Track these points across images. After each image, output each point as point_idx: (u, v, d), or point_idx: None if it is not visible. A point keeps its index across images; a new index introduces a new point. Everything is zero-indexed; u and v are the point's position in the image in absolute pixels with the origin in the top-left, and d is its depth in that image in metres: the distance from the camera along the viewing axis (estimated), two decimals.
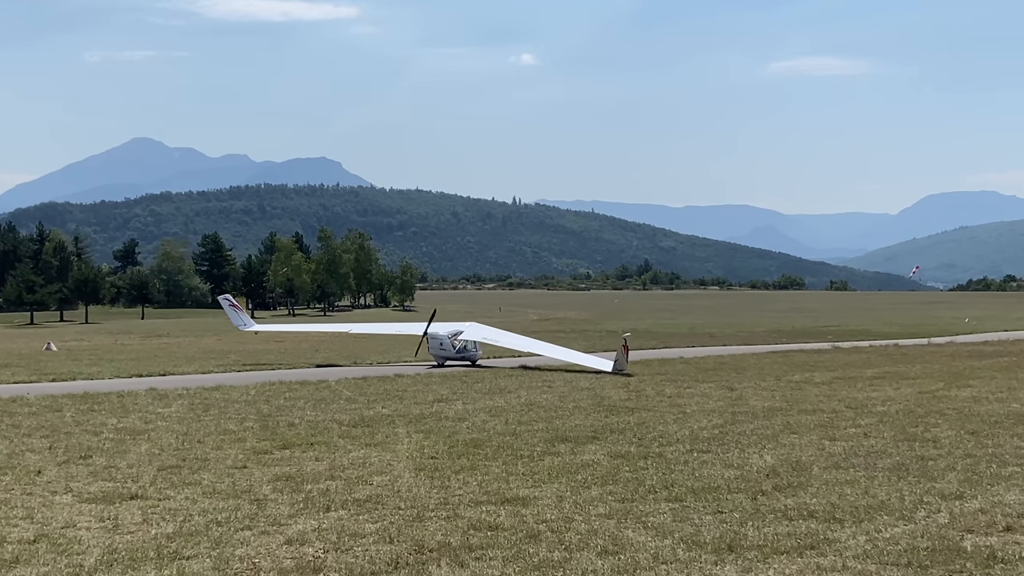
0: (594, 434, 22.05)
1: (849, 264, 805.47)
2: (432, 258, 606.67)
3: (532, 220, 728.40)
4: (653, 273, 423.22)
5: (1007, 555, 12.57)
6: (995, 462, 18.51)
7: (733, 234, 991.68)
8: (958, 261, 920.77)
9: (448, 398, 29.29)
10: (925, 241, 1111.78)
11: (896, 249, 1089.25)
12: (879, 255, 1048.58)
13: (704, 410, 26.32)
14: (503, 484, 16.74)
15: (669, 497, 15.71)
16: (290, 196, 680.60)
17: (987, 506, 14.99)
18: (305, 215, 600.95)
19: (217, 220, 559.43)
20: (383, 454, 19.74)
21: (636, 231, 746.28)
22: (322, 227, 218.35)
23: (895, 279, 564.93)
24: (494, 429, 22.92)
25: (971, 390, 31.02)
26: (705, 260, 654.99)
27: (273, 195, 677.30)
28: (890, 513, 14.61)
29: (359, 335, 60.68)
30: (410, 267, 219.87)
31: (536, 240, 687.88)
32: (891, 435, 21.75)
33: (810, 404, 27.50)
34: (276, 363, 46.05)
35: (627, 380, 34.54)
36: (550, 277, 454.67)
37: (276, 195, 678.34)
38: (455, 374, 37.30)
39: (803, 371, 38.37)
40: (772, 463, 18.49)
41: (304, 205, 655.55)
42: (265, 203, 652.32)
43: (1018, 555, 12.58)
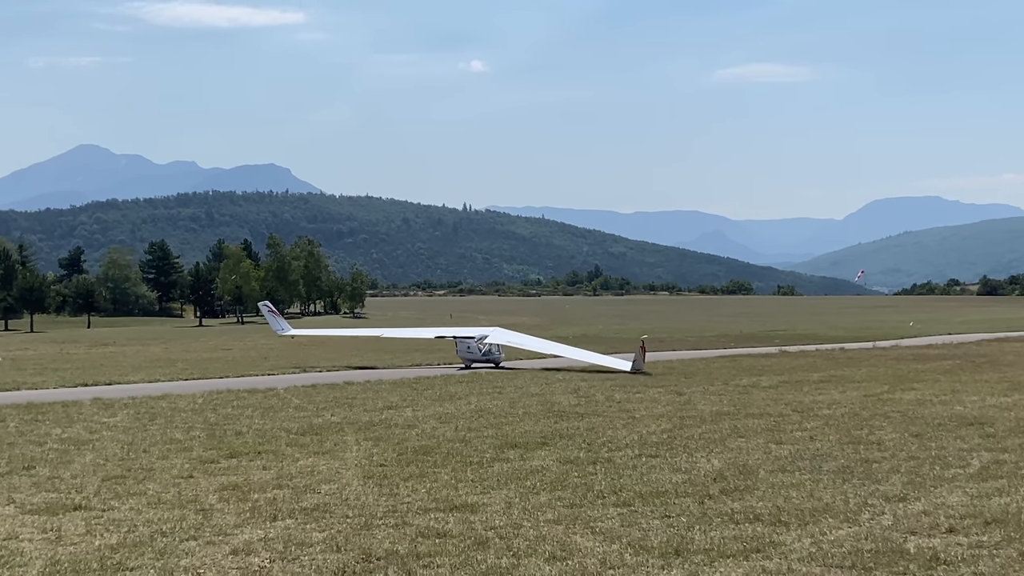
0: (544, 440, 22.08)
1: (796, 269, 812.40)
2: (383, 265, 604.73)
3: (483, 226, 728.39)
4: (603, 279, 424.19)
5: (950, 556, 12.74)
6: (938, 464, 18.75)
7: (682, 240, 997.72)
8: (903, 266, 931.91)
9: (398, 405, 29.21)
10: (870, 246, 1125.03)
11: (842, 254, 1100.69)
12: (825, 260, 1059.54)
13: (653, 415, 26.44)
14: (452, 491, 16.71)
15: (617, 502, 15.77)
16: (239, 203, 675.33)
17: (930, 508, 15.18)
18: (254, 222, 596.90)
19: (164, 227, 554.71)
20: (331, 462, 19.65)
21: (586, 237, 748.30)
22: (271, 234, 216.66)
23: (841, 284, 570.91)
24: (444, 436, 22.88)
25: (915, 393, 31.39)
26: (655, 266, 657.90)
27: (221, 202, 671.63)
28: (835, 516, 14.76)
29: (388, 338, 62.01)
30: (360, 274, 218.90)
31: (487, 246, 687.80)
32: (836, 438, 21.97)
33: (757, 408, 27.72)
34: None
35: (577, 386, 34.61)
36: (501, 283, 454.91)
37: (224, 202, 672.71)
38: (406, 381, 37.21)
39: (751, 375, 38.66)
40: (719, 467, 18.61)
41: (253, 212, 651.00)
42: (213, 210, 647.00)
43: (960, 556, 12.75)
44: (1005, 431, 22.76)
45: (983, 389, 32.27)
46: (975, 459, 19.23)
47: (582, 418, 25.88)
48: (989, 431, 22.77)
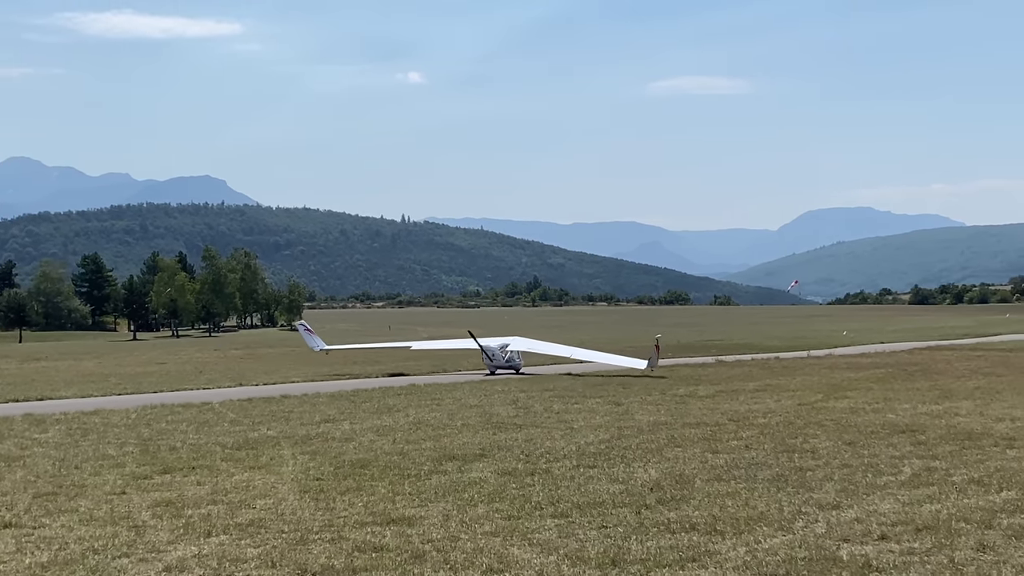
0: (482, 451, 22.05)
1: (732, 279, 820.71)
2: (320, 277, 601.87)
3: (421, 238, 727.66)
4: (542, 290, 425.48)
5: (882, 563, 12.92)
6: (871, 472, 19.00)
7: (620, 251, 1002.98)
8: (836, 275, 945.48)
9: (335, 418, 29.01)
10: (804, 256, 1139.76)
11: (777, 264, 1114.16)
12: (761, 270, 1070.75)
13: (591, 425, 26.51)
14: (389, 504, 16.64)
15: (555, 513, 15.79)
16: (173, 215, 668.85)
17: (863, 515, 15.37)
18: (189, 234, 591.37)
19: (98, 240, 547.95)
20: (267, 477, 19.47)
21: (525, 248, 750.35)
22: (207, 246, 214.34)
23: (776, 293, 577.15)
24: (381, 449, 22.77)
25: (848, 401, 31.78)
26: (593, 276, 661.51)
27: (156, 214, 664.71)
28: (769, 524, 14.90)
29: (420, 350, 62.87)
30: (297, 286, 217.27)
31: (425, 258, 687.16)
32: (771, 447, 22.18)
33: (694, 417, 27.91)
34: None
35: (516, 397, 34.61)
36: (440, 295, 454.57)
37: (159, 214, 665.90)
38: (344, 394, 36.99)
39: (688, 385, 38.91)
40: (656, 477, 18.71)
41: (188, 224, 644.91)
42: (148, 222, 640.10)
43: (892, 563, 12.94)
44: (936, 438, 23.11)
45: (915, 397, 32.74)
46: (907, 466, 19.51)
47: (520, 429, 25.88)
48: (920, 439, 23.11)
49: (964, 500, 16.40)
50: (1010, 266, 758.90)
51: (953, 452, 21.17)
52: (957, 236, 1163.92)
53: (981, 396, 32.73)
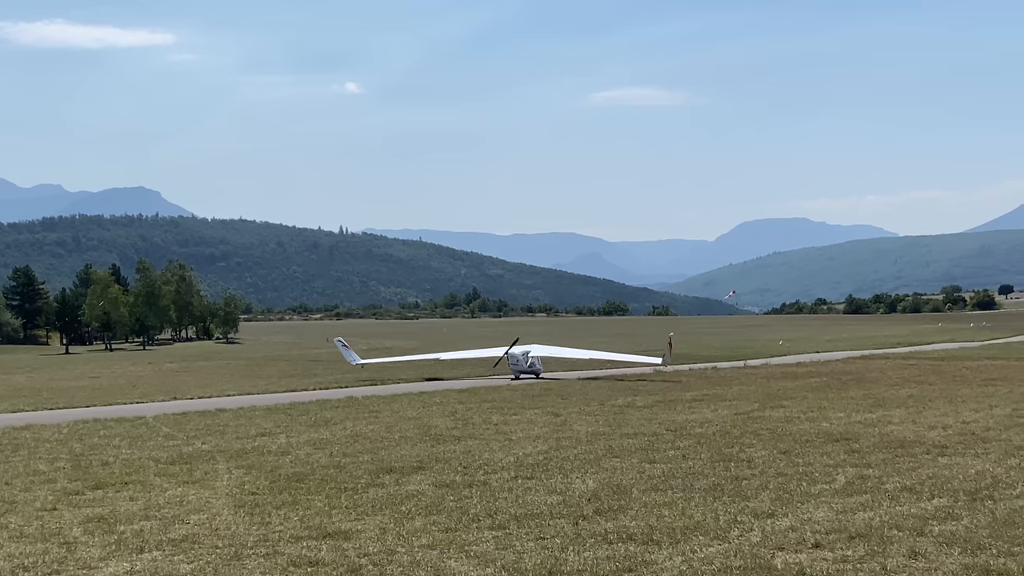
0: (420, 464, 21.98)
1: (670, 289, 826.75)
2: (257, 289, 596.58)
3: (359, 249, 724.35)
4: (481, 301, 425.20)
5: (816, 571, 13.05)
6: (805, 480, 19.19)
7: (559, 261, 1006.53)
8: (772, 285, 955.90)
9: (271, 432, 28.78)
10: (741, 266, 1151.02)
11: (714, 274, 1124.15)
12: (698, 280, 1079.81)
13: (529, 436, 26.54)
14: (325, 518, 16.52)
15: (493, 525, 15.77)
16: (107, 227, 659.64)
17: (797, 524, 15.52)
18: (123, 246, 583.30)
19: (29, 253, 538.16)
20: (201, 491, 19.27)
21: (464, 259, 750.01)
22: (141, 258, 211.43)
23: (714, 303, 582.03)
24: (318, 462, 22.62)
25: (784, 410, 32.09)
26: (532, 287, 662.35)
27: (88, 226, 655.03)
28: (705, 533, 14.99)
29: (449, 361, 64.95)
30: (234, 298, 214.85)
31: (364, 269, 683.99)
32: (708, 456, 22.33)
33: (632, 428, 28.04)
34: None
35: (454, 409, 34.54)
36: (378, 306, 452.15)
37: (92, 226, 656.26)
38: (280, 407, 36.71)
39: (626, 395, 39.09)
40: (594, 487, 18.76)
41: (122, 236, 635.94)
42: (80, 234, 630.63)
43: (826, 571, 13.07)
44: (869, 447, 23.40)
45: (849, 406, 33.14)
46: (840, 475, 19.73)
47: (459, 441, 25.85)
48: (854, 447, 23.39)
49: (897, 508, 16.61)
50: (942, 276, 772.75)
51: (886, 460, 21.44)
52: (890, 246, 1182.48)
53: (914, 404, 33.20)
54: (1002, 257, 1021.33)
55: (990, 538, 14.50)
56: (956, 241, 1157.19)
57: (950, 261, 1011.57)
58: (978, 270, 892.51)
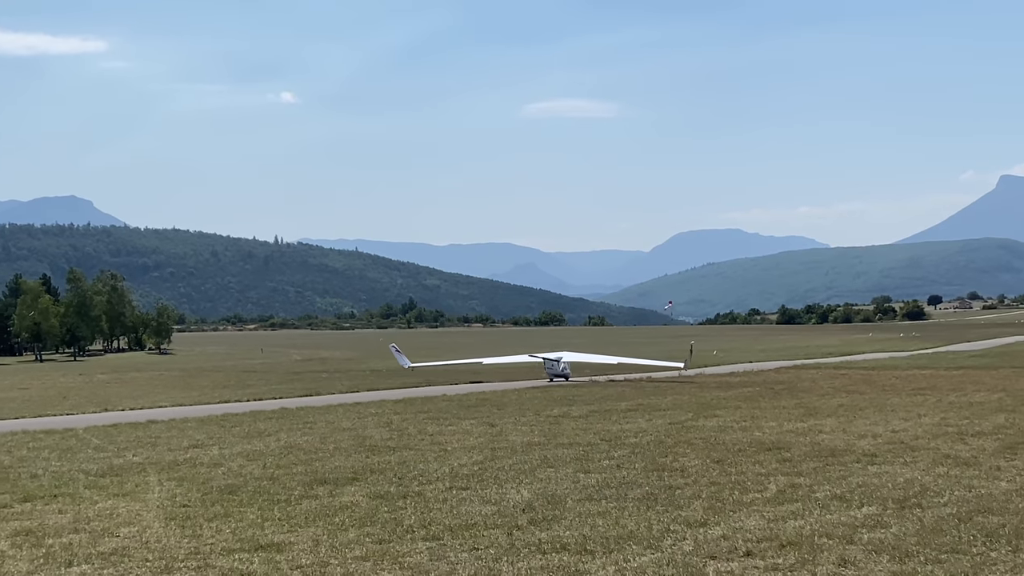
0: (354, 475, 21.87)
1: (606, 300, 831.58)
2: (190, 299, 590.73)
3: (295, 259, 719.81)
4: (418, 311, 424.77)
5: None
6: (737, 489, 19.36)
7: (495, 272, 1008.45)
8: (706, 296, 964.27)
9: (204, 443, 28.47)
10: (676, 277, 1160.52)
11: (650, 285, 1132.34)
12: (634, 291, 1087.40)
13: (465, 447, 26.50)
14: (258, 530, 16.38)
15: (427, 536, 15.74)
16: (37, 236, 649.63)
17: (729, 532, 15.65)
18: (54, 256, 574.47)
19: None
20: (132, 504, 19.02)
21: (400, 269, 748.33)
22: (72, 268, 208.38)
23: (649, 314, 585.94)
24: (251, 474, 22.42)
25: (717, 420, 32.35)
26: (468, 298, 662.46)
27: (18, 235, 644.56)
28: (638, 542, 15.06)
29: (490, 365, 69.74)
30: (166, 309, 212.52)
31: (299, 279, 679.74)
32: (642, 466, 22.45)
33: (567, 438, 28.10)
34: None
35: (390, 420, 34.40)
36: (314, 317, 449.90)
37: (22, 235, 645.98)
38: (213, 418, 36.34)
39: (561, 405, 39.17)
40: (528, 497, 18.78)
41: (52, 246, 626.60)
42: (10, 244, 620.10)
43: None
44: (801, 455, 23.66)
45: (781, 415, 33.48)
46: (772, 483, 19.93)
47: (394, 452, 25.75)
48: (786, 456, 23.64)
49: (827, 516, 16.81)
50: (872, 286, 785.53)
51: (817, 469, 21.69)
52: (822, 257, 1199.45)
53: (844, 414, 33.63)
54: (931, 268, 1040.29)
55: (918, 546, 14.73)
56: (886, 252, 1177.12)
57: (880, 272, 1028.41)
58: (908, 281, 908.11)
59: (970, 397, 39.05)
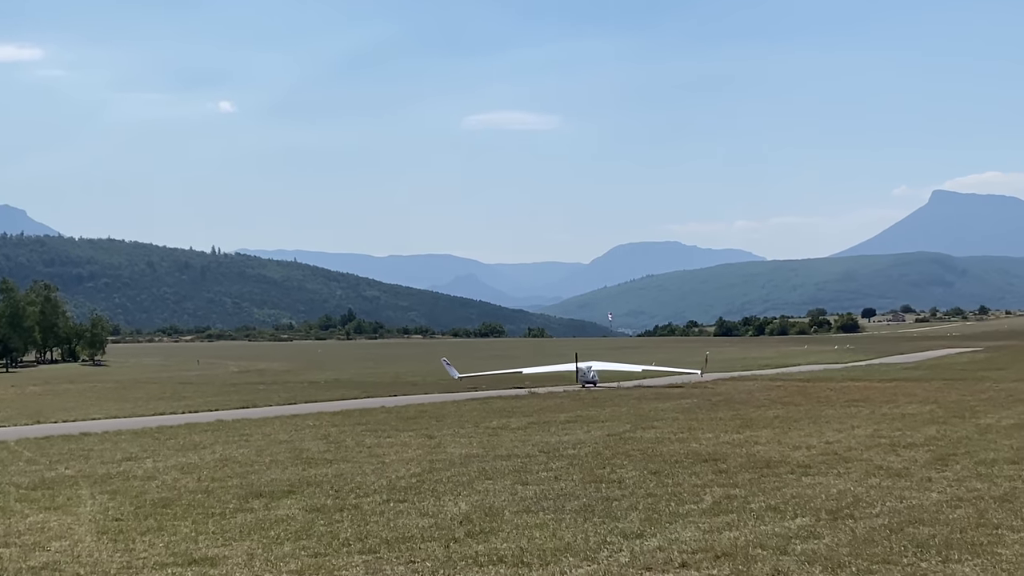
0: (290, 488, 21.71)
1: (546, 311, 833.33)
2: (126, 310, 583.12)
3: (232, 270, 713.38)
4: (357, 322, 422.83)
5: None
6: (674, 500, 19.48)
7: (435, 283, 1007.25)
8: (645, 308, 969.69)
9: (138, 456, 28.13)
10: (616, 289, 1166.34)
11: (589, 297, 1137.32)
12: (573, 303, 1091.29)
13: (403, 459, 26.42)
14: (191, 544, 16.21)
15: (363, 549, 15.66)
16: None
17: (665, 544, 15.74)
18: None
19: None
20: (64, 517, 18.74)
21: (340, 281, 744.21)
22: (3, 279, 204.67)
23: (589, 325, 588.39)
24: (185, 487, 22.18)
25: (655, 431, 32.53)
26: (408, 309, 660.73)
27: None
28: (575, 554, 15.10)
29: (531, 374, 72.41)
30: (101, 319, 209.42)
31: (236, 290, 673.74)
32: (580, 477, 22.52)
33: (506, 449, 28.11)
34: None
35: (327, 432, 34.21)
36: (251, 328, 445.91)
37: None
38: (148, 431, 35.90)
39: (501, 417, 39.17)
40: (466, 510, 18.76)
41: None
42: None
43: None
44: (736, 466, 23.87)
45: (717, 426, 33.76)
46: (708, 495, 20.08)
47: (331, 464, 25.60)
48: (722, 467, 23.84)
49: (761, 527, 16.98)
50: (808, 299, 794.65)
51: (752, 480, 21.90)
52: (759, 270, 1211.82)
53: (780, 425, 33.97)
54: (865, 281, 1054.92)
55: (850, 556, 14.91)
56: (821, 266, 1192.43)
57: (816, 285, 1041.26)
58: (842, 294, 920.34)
59: (902, 409, 39.61)
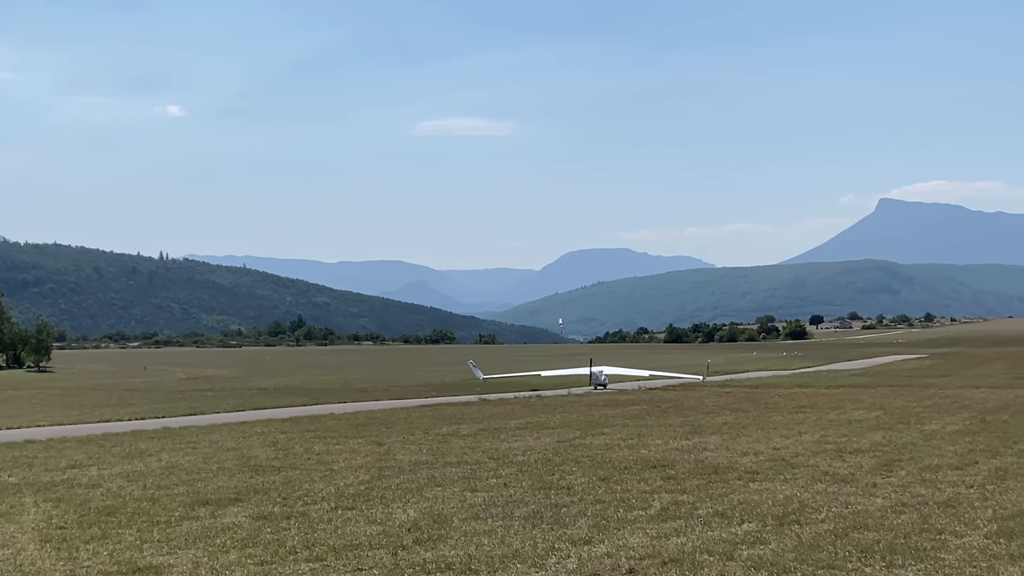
0: (237, 496, 21.53)
1: (497, 318, 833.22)
2: (72, 316, 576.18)
3: (180, 276, 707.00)
4: (307, 329, 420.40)
5: None
6: (622, 507, 19.54)
7: (386, 289, 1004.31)
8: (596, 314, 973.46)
9: (83, 464, 27.76)
10: (566, 296, 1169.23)
11: (540, 303, 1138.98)
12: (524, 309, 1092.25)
13: (352, 466, 26.29)
14: (136, 553, 16.03)
15: (310, 557, 15.57)
16: None
17: (613, 550, 15.79)
18: None
19: None
20: (6, 526, 18.47)
21: (290, 287, 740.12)
22: None
23: (540, 332, 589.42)
24: (131, 495, 21.92)
25: (605, 438, 32.60)
26: (359, 315, 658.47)
27: None
28: (523, 561, 15.11)
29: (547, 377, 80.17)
30: (46, 325, 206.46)
31: (185, 296, 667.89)
32: (529, 484, 22.52)
33: (455, 456, 28.05)
34: None
35: (276, 439, 33.96)
36: (199, 334, 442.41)
37: None
38: (93, 438, 35.45)
39: (451, 424, 39.08)
40: (415, 517, 18.71)
41: None
42: None
43: None
44: (685, 473, 24.00)
45: (667, 433, 33.88)
46: (656, 501, 20.17)
47: (279, 472, 25.41)
48: (670, 473, 23.94)
49: (708, 532, 17.07)
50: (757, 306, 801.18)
51: (700, 486, 22.02)
52: (709, 277, 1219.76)
53: (728, 431, 34.17)
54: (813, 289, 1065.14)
55: (795, 561, 15.04)
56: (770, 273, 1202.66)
57: (764, 292, 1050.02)
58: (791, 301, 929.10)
59: (849, 415, 40.00)
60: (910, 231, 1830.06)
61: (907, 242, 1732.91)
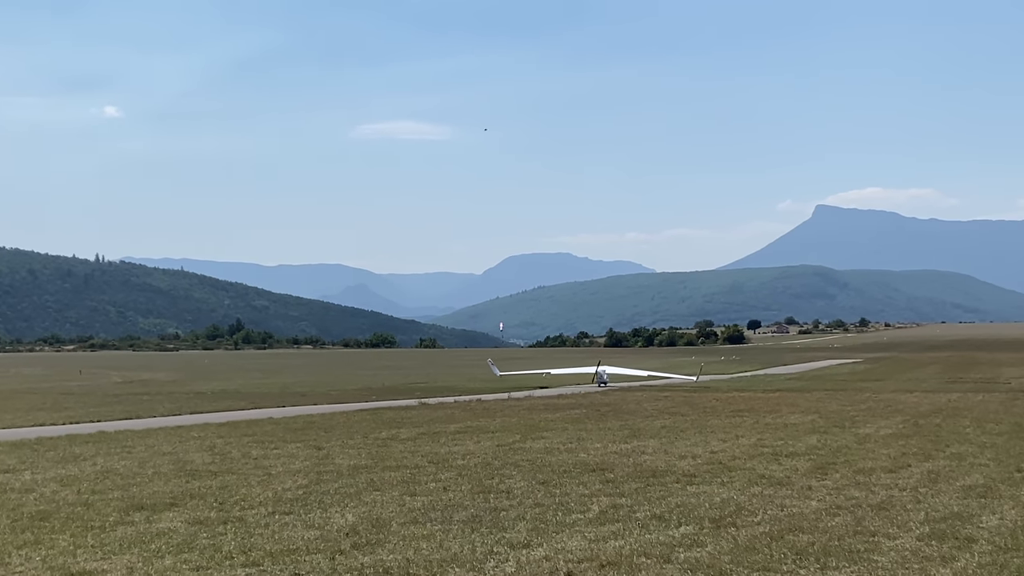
0: (173, 500, 21.32)
1: (438, 322, 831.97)
2: (5, 319, 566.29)
3: (117, 278, 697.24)
4: (245, 332, 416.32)
5: None
6: (561, 510, 19.62)
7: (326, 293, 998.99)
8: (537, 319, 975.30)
9: (15, 468, 27.32)
10: (508, 300, 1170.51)
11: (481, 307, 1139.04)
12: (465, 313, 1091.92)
13: (290, 471, 26.13)
14: (70, 558, 15.83)
15: (246, 562, 15.47)
16: None
17: (551, 553, 15.85)
18: None
19: None
20: None
21: (228, 290, 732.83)
22: None
23: (480, 336, 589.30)
24: (64, 500, 21.62)
25: (544, 441, 32.69)
26: (298, 319, 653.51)
27: None
28: (461, 565, 15.12)
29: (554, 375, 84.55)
30: None
31: (121, 299, 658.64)
32: (468, 488, 22.53)
33: (394, 460, 27.99)
34: None
35: (213, 443, 33.65)
36: (136, 338, 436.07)
37: None
38: (26, 442, 34.90)
39: (390, 428, 38.96)
40: (353, 521, 18.64)
41: None
42: None
43: None
44: (623, 476, 24.14)
45: (606, 436, 34.05)
46: (595, 504, 20.27)
47: (216, 476, 25.19)
48: (609, 476, 24.07)
49: (646, 535, 17.19)
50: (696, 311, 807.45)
51: (638, 489, 22.16)
52: (649, 282, 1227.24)
53: (667, 435, 34.41)
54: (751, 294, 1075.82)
55: (731, 564, 15.19)
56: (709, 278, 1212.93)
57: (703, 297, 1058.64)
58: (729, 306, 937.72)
59: (785, 419, 40.44)
60: (846, 237, 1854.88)
61: (843, 248, 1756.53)
